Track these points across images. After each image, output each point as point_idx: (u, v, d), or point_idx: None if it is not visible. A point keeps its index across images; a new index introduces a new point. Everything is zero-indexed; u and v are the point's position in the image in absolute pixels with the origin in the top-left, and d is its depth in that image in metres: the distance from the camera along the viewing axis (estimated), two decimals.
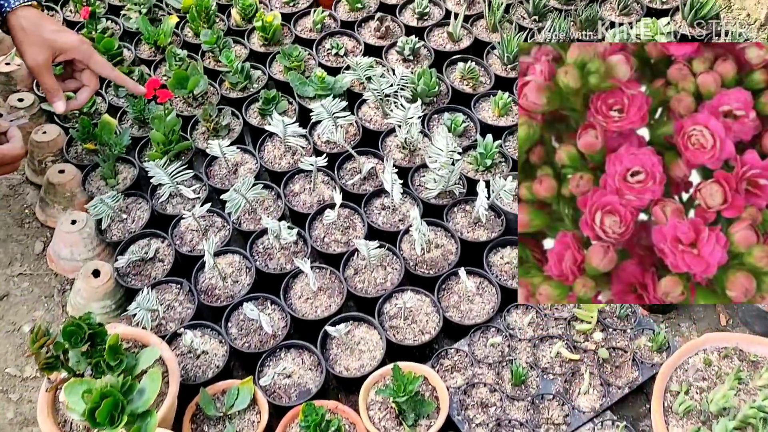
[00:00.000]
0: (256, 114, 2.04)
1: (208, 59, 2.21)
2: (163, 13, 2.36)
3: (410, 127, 1.86)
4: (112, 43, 2.13)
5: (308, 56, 2.19)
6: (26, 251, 1.87)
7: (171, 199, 1.84)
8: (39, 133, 1.98)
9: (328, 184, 1.87)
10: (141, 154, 1.96)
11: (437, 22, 2.28)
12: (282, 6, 2.38)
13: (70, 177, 1.87)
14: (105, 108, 2.08)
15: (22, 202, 1.99)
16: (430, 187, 1.81)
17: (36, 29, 1.53)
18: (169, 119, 1.87)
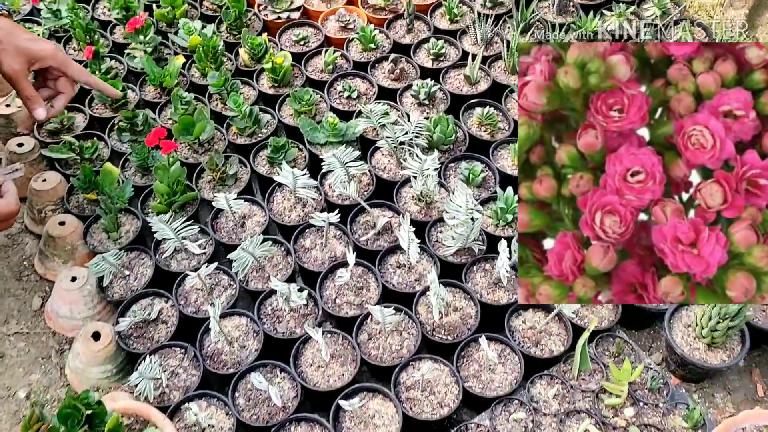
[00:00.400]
0: (265, 162, 1.97)
1: (215, 101, 2.15)
2: (169, 51, 2.30)
3: (426, 179, 1.79)
4: (116, 84, 2.07)
5: (319, 99, 2.13)
6: (23, 307, 1.80)
7: (175, 255, 1.78)
8: (39, 180, 1.91)
9: (341, 239, 1.80)
10: (144, 205, 1.89)
11: (453, 64, 2.21)
12: (292, 45, 2.32)
13: (71, 229, 1.81)
14: (107, 154, 2.02)
15: (21, 253, 1.93)
16: (448, 244, 1.74)
17: (10, 38, 1.50)
18: (173, 170, 1.80)
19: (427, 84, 2.07)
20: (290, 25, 2.38)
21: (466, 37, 2.31)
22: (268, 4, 2.40)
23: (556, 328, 1.64)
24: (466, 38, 2.31)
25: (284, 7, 2.39)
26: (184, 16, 2.38)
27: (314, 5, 2.47)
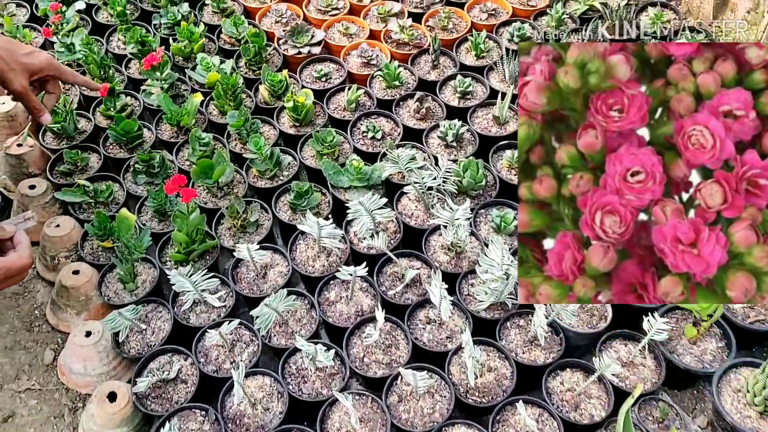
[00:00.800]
0: (287, 208, 1.91)
1: (234, 140, 2.10)
2: (186, 87, 2.25)
3: (457, 229, 1.73)
4: (132, 125, 2.02)
5: (342, 140, 2.07)
6: (35, 361, 1.74)
7: (194, 307, 1.72)
8: (52, 226, 1.86)
9: (367, 291, 1.74)
10: (162, 253, 1.84)
11: (481, 102, 2.16)
12: (314, 81, 2.27)
13: (85, 279, 1.75)
14: (123, 196, 1.96)
15: (32, 302, 1.87)
16: (481, 299, 1.68)
17: (12, 56, 1.59)
18: (192, 218, 1.75)
19: (454, 125, 2.01)
20: (311, 60, 2.34)
21: (494, 73, 2.26)
22: (288, 39, 2.36)
23: (596, 391, 1.57)
24: (493, 75, 2.26)
25: (305, 41, 2.34)
26: (201, 50, 2.33)
27: (336, 39, 2.42)
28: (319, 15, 2.51)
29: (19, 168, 2.06)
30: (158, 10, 2.49)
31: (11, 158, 2.04)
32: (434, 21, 2.43)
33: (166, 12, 2.43)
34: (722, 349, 1.62)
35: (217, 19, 2.51)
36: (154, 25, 2.45)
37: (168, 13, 2.42)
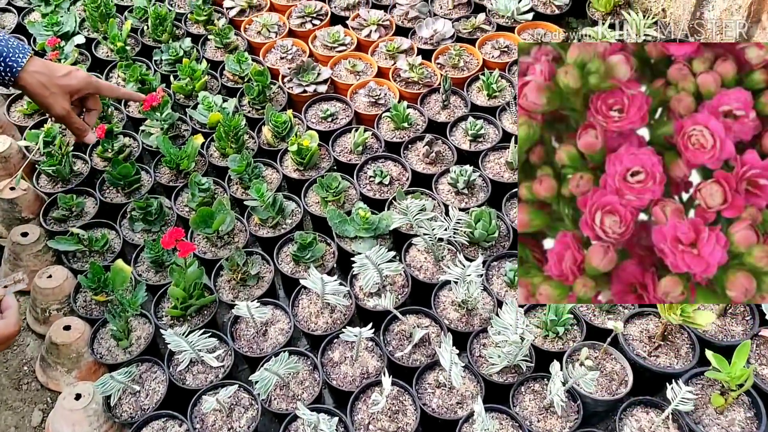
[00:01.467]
0: (290, 259, 1.85)
1: (235, 184, 2.04)
2: (186, 128, 2.20)
3: (469, 285, 1.66)
4: (129, 169, 1.97)
5: (348, 185, 2.01)
6: (22, 423, 1.68)
7: (191, 367, 1.65)
8: (44, 277, 1.81)
9: (373, 351, 1.67)
10: (159, 306, 1.78)
11: (493, 146, 2.10)
12: (319, 121, 2.22)
13: (77, 335, 1.69)
14: (119, 244, 1.91)
15: (21, 356, 1.81)
16: (494, 361, 1.61)
17: (51, 80, 1.58)
18: (190, 272, 1.69)
19: (465, 172, 1.95)
20: (317, 99, 2.28)
21: (506, 114, 2.20)
22: (294, 77, 2.31)
23: None
24: (506, 116, 2.20)
25: (310, 79, 2.29)
26: (203, 88, 2.29)
27: (342, 77, 2.37)
28: (326, 51, 2.46)
29: (12, 213, 2.01)
30: (159, 45, 2.44)
31: (4, 202, 1.99)
32: (444, 58, 2.38)
33: (168, 48, 2.38)
34: (751, 420, 1.54)
35: (220, 54, 2.46)
36: (155, 61, 2.41)
37: (169, 48, 2.37)
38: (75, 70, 1.63)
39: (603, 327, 1.68)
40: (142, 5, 2.55)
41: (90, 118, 1.73)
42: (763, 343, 1.63)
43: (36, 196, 2.04)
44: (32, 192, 2.03)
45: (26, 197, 2.01)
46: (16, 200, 2.00)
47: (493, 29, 2.51)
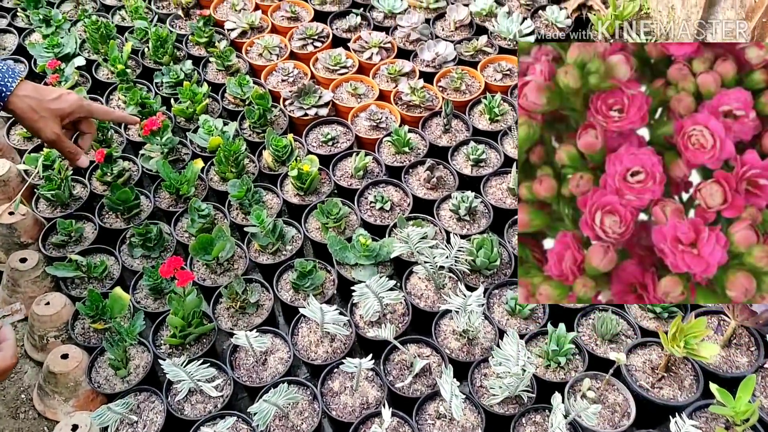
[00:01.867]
0: (289, 287, 1.85)
1: (235, 210, 2.05)
2: (187, 151, 2.20)
3: (470, 315, 1.66)
4: (128, 194, 1.97)
5: (349, 210, 2.01)
6: None
7: (190, 397, 1.65)
8: (41, 304, 1.81)
9: (373, 381, 1.67)
10: (157, 335, 1.78)
11: (495, 171, 2.10)
12: (320, 145, 2.23)
13: (75, 364, 1.69)
14: (118, 270, 1.91)
15: (19, 384, 1.81)
16: (495, 392, 1.60)
17: (40, 104, 1.58)
18: (188, 300, 1.69)
19: (467, 198, 1.95)
20: (318, 122, 2.29)
21: (508, 138, 2.20)
22: (295, 99, 2.32)
23: None
24: (507, 140, 2.20)
25: (312, 102, 2.30)
26: (204, 111, 2.29)
27: (344, 100, 2.38)
28: (327, 73, 2.47)
29: (11, 237, 2.02)
30: (161, 67, 2.46)
31: (3, 227, 2.00)
32: (446, 81, 2.39)
33: (169, 70, 2.39)
34: None
35: (222, 77, 2.48)
36: (156, 83, 2.42)
37: (170, 71, 2.38)
38: (66, 94, 1.63)
39: (605, 357, 1.68)
40: (143, 27, 2.56)
41: (84, 141, 1.73)
42: None
43: (35, 221, 2.05)
44: (31, 217, 2.04)
45: (25, 222, 2.02)
46: (15, 225, 2.00)
47: (495, 52, 2.52)
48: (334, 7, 2.73)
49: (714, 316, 1.75)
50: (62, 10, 2.76)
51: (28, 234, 2.03)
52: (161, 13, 2.75)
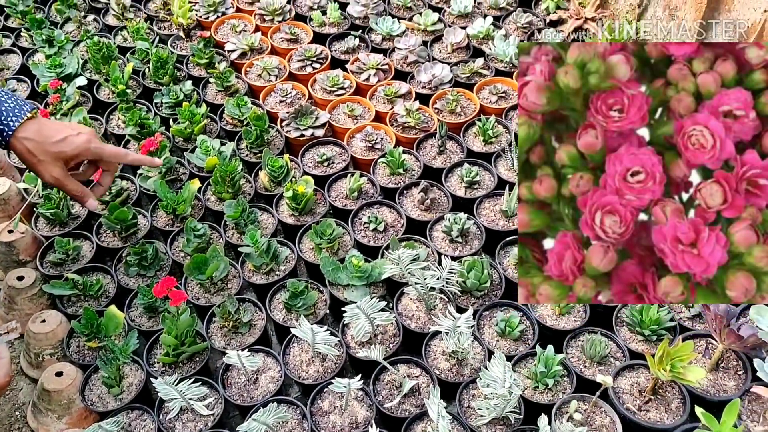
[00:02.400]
0: (282, 307, 1.88)
1: (231, 230, 2.09)
2: (185, 171, 2.25)
3: (459, 337, 1.69)
4: (126, 214, 2.01)
5: (343, 231, 2.05)
6: None
7: (181, 415, 1.68)
8: (37, 321, 1.84)
9: (362, 400, 1.70)
10: (151, 353, 1.81)
11: (488, 193, 2.13)
12: (315, 166, 2.27)
13: (69, 381, 1.73)
14: (114, 289, 1.95)
15: (14, 401, 1.85)
16: (482, 413, 1.63)
17: (41, 146, 1.54)
18: (182, 319, 1.72)
19: (459, 220, 1.99)
20: (314, 143, 2.33)
21: (502, 161, 2.24)
22: (292, 120, 2.36)
23: None
24: (501, 162, 2.24)
25: (308, 123, 2.34)
26: (203, 131, 2.34)
27: (340, 121, 2.42)
28: (325, 95, 2.51)
29: (9, 255, 2.06)
30: (161, 88, 2.51)
31: (2, 245, 2.04)
32: (442, 103, 2.43)
33: (168, 91, 2.44)
34: None
35: (221, 97, 2.52)
36: (156, 103, 2.47)
37: (170, 92, 2.43)
38: (73, 135, 1.59)
39: (593, 379, 1.70)
40: (145, 48, 2.62)
41: (105, 179, 1.71)
42: (755, 399, 1.65)
43: (34, 239, 2.09)
44: (30, 235, 2.08)
45: (24, 240, 2.06)
46: (14, 243, 2.04)
47: (491, 74, 2.56)
48: (333, 29, 2.79)
49: (702, 340, 1.77)
50: (65, 30, 2.82)
51: (26, 252, 2.07)
52: (162, 34, 2.81)
